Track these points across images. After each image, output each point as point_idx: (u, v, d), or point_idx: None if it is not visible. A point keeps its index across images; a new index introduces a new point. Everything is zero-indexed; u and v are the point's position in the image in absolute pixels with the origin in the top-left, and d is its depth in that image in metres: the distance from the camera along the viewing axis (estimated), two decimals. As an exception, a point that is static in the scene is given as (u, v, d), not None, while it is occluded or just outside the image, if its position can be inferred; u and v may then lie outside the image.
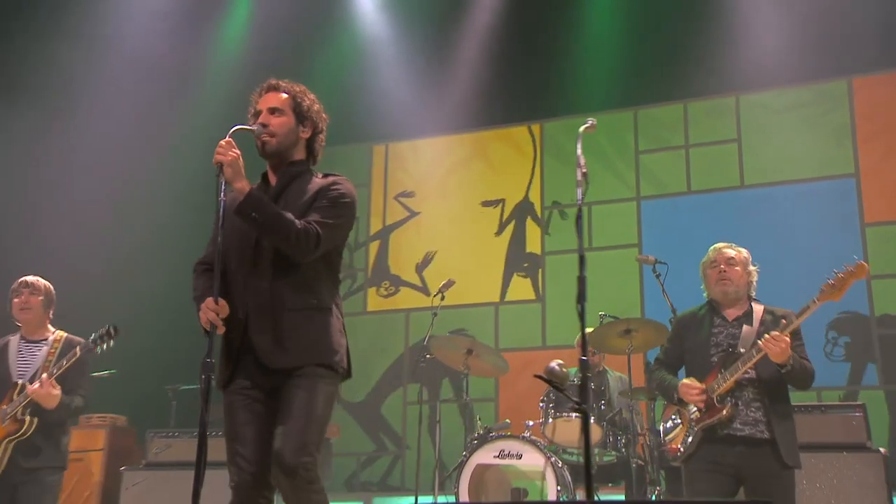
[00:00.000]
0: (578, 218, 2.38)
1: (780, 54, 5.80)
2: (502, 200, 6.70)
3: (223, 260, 2.50)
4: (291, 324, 2.50)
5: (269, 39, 6.60)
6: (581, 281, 2.24)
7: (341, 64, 6.74)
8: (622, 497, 4.52)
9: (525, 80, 6.57)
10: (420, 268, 6.80)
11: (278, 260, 2.52)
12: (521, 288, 6.46)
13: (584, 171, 2.49)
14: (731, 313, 3.33)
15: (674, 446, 3.31)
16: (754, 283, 3.36)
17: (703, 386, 3.25)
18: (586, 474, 2.17)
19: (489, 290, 6.51)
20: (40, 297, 3.72)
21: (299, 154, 2.68)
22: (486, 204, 6.74)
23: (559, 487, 4.08)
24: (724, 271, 3.31)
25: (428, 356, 4.82)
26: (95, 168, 5.89)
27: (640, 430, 4.36)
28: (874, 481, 3.77)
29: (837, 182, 5.82)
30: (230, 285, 2.55)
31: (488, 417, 5.69)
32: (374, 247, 6.97)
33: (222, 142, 2.47)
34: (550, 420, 4.34)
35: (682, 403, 3.30)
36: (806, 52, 5.75)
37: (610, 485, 4.56)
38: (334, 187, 2.61)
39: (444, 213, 6.85)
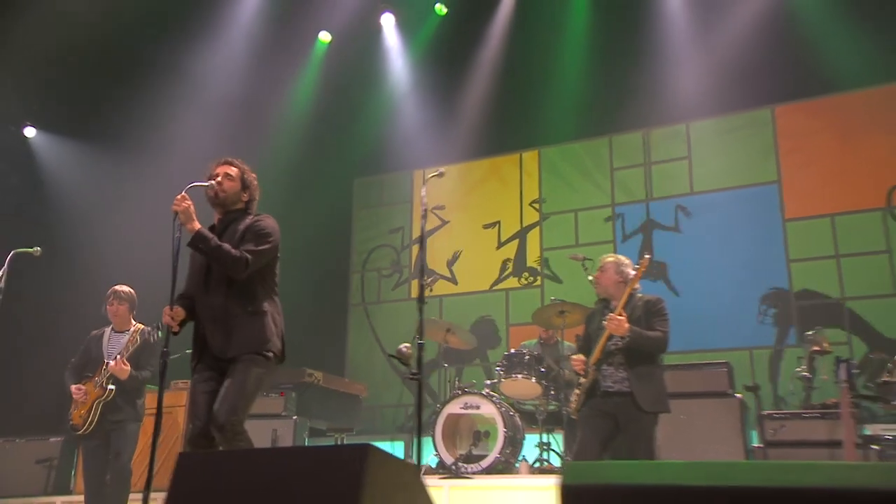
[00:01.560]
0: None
1: (719, 90, 6.44)
2: (498, 222, 7.41)
3: (191, 283, 2.99)
4: (234, 326, 2.89)
5: (329, 91, 7.30)
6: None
7: (385, 109, 7.49)
8: (560, 437, 4.83)
9: (527, 113, 7.20)
10: (449, 263, 7.57)
11: (224, 280, 2.93)
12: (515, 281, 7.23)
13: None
14: (615, 304, 3.69)
15: (572, 405, 3.76)
16: (630, 279, 3.65)
17: (584, 358, 3.66)
18: (417, 425, 2.93)
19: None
20: (126, 303, 4.14)
21: (238, 206, 3.12)
22: (486, 226, 7.44)
23: (506, 430, 4.46)
24: (597, 277, 3.79)
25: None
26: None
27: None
28: (733, 420, 4.34)
29: (765, 188, 6.47)
30: (195, 301, 2.99)
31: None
32: (415, 249, 7.73)
33: (178, 196, 2.91)
34: (503, 380, 4.76)
35: (576, 374, 3.77)
36: (739, 88, 6.38)
37: (558, 428, 4.86)
38: (259, 224, 3.02)
39: (467, 222, 7.57)
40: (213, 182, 3.07)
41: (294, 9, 7.00)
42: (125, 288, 4.21)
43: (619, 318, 3.48)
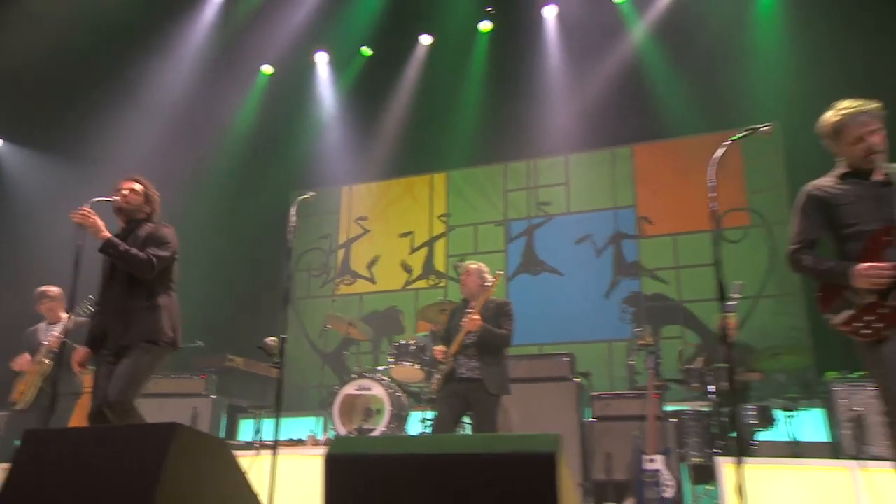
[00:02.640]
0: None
1: (592, 128, 7.18)
2: (412, 232, 7.93)
3: (101, 282, 3.11)
4: (132, 318, 3.04)
5: (269, 115, 7.67)
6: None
7: (317, 132, 7.95)
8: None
9: (437, 142, 7.71)
10: (369, 266, 8.10)
11: (126, 278, 3.09)
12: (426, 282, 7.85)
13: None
14: (473, 304, 4.02)
15: (433, 387, 4.10)
16: (487, 284, 4.03)
17: (445, 348, 4.00)
18: (276, 406, 3.29)
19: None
20: (55, 301, 4.32)
21: (140, 216, 3.29)
22: (401, 235, 7.96)
23: (393, 408, 4.85)
24: (464, 280, 4.15)
25: (329, 326, 5.77)
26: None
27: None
28: (571, 400, 4.85)
29: (625, 210, 7.29)
30: (103, 297, 3.16)
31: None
32: (341, 253, 8.28)
33: (81, 210, 3.06)
34: (393, 366, 5.13)
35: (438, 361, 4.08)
36: (607, 127, 7.14)
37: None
38: (160, 232, 3.18)
39: (385, 231, 8.11)
40: (116, 197, 3.23)
41: (240, 40, 7.40)
42: (53, 288, 4.35)
43: (474, 317, 3.88)
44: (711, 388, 4.99)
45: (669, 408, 5.02)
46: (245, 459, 3.84)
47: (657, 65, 7.00)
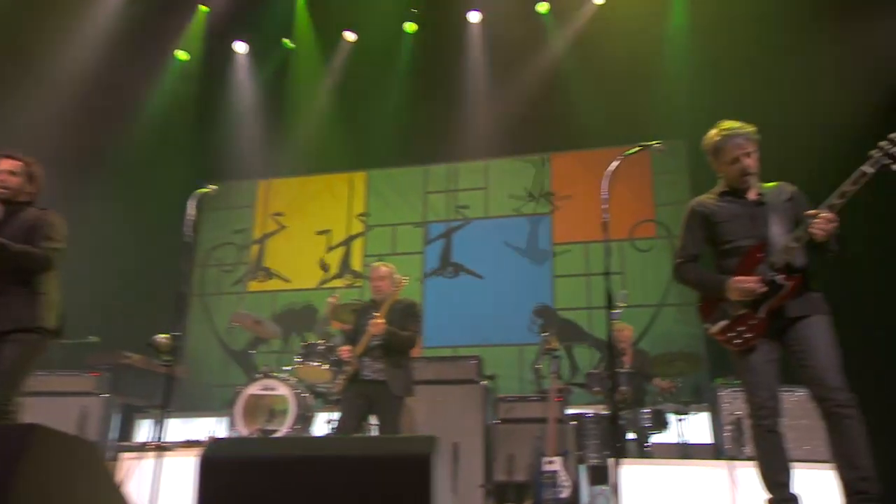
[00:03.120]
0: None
1: (511, 135, 7.29)
2: (329, 230, 7.85)
3: None
4: (11, 303, 2.89)
5: (182, 103, 7.36)
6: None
7: (233, 124, 7.70)
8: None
9: (358, 140, 7.60)
10: (284, 263, 7.96)
11: (10, 270, 2.92)
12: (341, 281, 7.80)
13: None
14: (383, 307, 4.08)
15: (337, 387, 4.10)
16: (398, 288, 4.08)
17: (350, 348, 4.01)
18: (163, 405, 3.28)
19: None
20: None
21: (23, 198, 3.05)
22: (318, 233, 7.85)
23: (298, 410, 4.82)
24: (377, 283, 4.14)
25: (234, 324, 5.68)
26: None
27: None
28: (476, 403, 4.89)
29: (541, 217, 7.50)
30: None
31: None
32: (255, 248, 8.07)
33: None
34: (299, 365, 5.11)
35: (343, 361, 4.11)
36: (526, 135, 7.28)
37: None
38: (48, 220, 3.00)
39: (302, 228, 7.99)
40: None
41: (154, 21, 7.03)
42: None
43: (379, 321, 3.91)
44: (612, 392, 5.20)
45: (572, 411, 5.19)
46: (134, 461, 3.65)
47: (577, 76, 7.22)
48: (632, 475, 3.63)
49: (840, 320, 2.74)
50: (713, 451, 4.82)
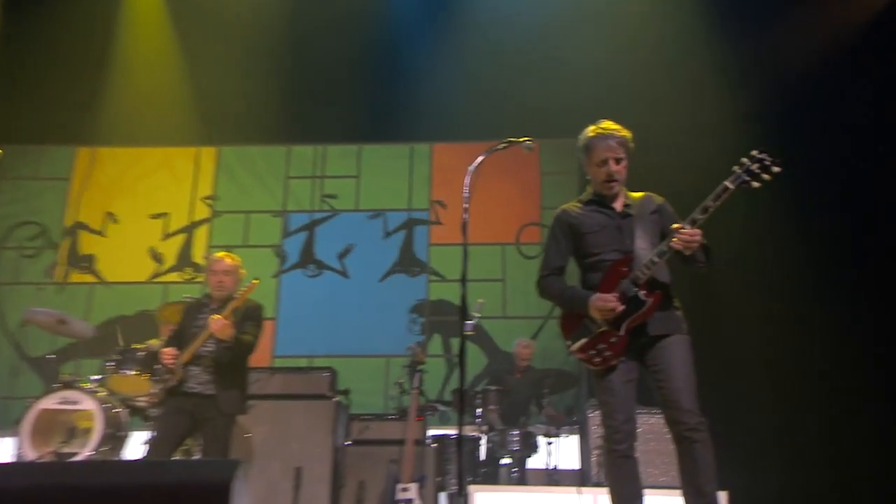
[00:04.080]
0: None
1: (391, 119, 7.27)
2: (166, 213, 7.56)
3: None
4: None
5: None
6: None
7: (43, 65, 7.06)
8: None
9: (209, 110, 7.25)
10: (106, 250, 7.50)
11: None
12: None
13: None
14: (214, 304, 3.97)
15: (153, 399, 4.05)
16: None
17: (175, 352, 3.87)
18: None
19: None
20: None
21: None
22: (152, 217, 7.56)
23: (107, 428, 4.60)
24: (222, 279, 4.04)
25: (29, 322, 5.40)
26: None
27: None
28: (326, 421, 4.86)
29: (419, 212, 7.59)
30: None
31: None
32: (69, 230, 7.49)
33: None
34: (112, 375, 4.91)
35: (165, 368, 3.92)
36: (407, 120, 7.24)
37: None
38: None
39: (130, 210, 7.52)
40: None
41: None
42: None
43: (223, 321, 3.76)
44: (479, 411, 5.37)
45: (434, 432, 5.29)
46: None
47: (467, 62, 7.33)
48: (490, 504, 3.75)
49: (699, 341, 3.01)
50: (580, 478, 5.11)
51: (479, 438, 5.19)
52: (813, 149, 5.26)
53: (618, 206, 3.12)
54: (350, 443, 5.02)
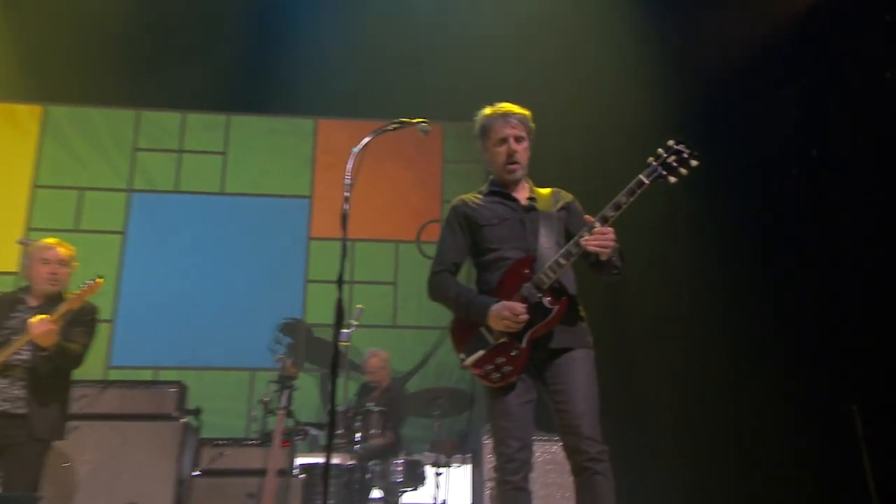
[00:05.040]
0: None
1: (271, 86, 7.03)
2: None
3: None
4: None
5: None
6: None
7: None
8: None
9: (32, 54, 6.78)
10: None
11: None
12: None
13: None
14: (35, 301, 3.86)
15: None
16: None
17: None
18: None
19: None
20: None
21: None
22: None
23: None
24: (60, 270, 3.94)
25: None
26: None
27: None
28: (170, 447, 4.75)
29: (296, 200, 7.47)
30: None
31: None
32: None
33: None
34: None
35: None
36: (288, 90, 7.00)
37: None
38: None
39: None
40: None
41: None
42: None
43: (48, 324, 3.62)
44: (359, 436, 5.30)
45: (303, 460, 5.18)
46: None
47: (365, 26, 7.16)
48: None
49: (603, 355, 3.06)
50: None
51: (356, 468, 5.12)
52: (732, 148, 5.51)
53: (521, 197, 3.14)
54: (199, 473, 4.84)
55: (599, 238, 2.84)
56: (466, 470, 5.57)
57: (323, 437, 5.55)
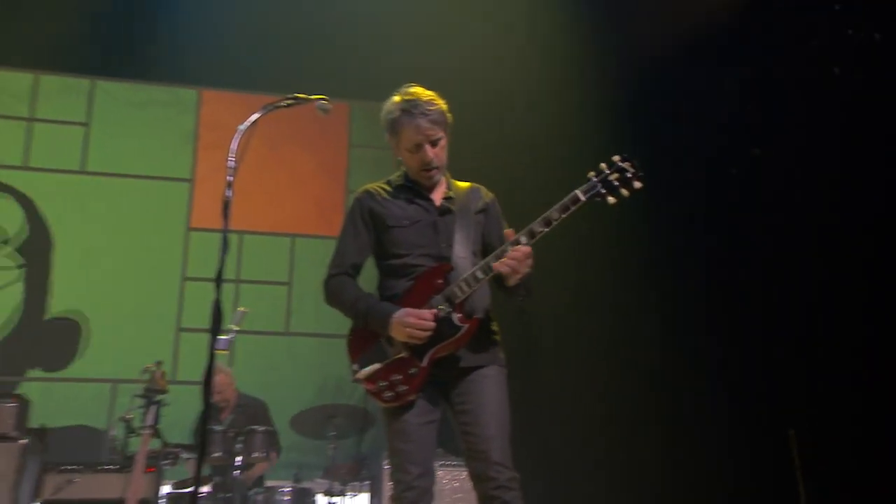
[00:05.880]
0: None
1: (141, 44, 6.83)
2: None
3: None
4: None
5: None
6: None
7: None
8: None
9: None
10: None
11: None
12: None
13: None
14: None
15: None
16: None
17: None
18: None
19: None
20: None
21: None
22: None
23: None
24: None
25: None
26: None
27: None
28: (5, 472, 4.70)
29: (173, 184, 7.35)
30: None
31: None
32: None
33: None
34: None
35: None
36: (167, 58, 6.89)
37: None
38: None
39: None
40: None
41: None
42: None
43: None
44: (240, 459, 5.23)
45: (170, 489, 5.12)
46: None
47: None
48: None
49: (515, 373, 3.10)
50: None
51: (233, 498, 5.06)
52: (670, 148, 5.66)
53: (437, 197, 3.13)
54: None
55: (517, 260, 2.84)
56: (364, 499, 5.59)
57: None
